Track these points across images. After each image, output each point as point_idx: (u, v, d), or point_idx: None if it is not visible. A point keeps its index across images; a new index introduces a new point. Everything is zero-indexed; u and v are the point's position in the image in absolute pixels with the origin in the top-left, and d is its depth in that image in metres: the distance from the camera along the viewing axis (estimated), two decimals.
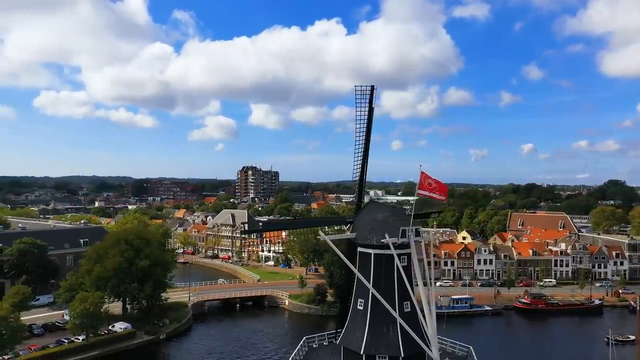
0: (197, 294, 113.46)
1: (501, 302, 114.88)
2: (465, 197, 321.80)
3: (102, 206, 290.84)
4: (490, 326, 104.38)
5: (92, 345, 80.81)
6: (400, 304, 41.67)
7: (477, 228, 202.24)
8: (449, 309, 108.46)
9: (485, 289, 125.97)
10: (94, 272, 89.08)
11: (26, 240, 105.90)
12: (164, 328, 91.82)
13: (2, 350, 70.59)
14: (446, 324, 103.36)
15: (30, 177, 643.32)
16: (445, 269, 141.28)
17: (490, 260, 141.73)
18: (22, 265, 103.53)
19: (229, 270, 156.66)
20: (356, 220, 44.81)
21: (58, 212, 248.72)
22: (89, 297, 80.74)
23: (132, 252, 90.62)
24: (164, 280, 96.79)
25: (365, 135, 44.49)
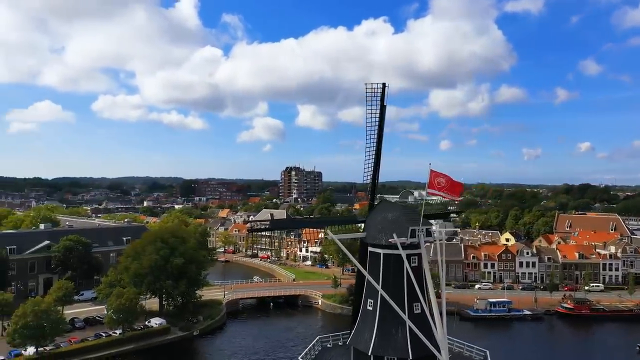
0: (232, 292, 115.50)
1: (542, 307, 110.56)
2: (512, 198, 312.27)
3: (150, 206, 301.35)
4: (529, 331, 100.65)
5: (128, 340, 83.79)
6: (409, 306, 40.90)
7: (522, 230, 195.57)
8: (486, 313, 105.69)
9: (526, 293, 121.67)
10: (131, 269, 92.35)
11: (71, 238, 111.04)
12: (197, 325, 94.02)
13: (44, 341, 74.41)
14: (482, 328, 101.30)
15: (88, 178, 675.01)
16: (485, 271, 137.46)
17: (533, 263, 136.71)
18: (68, 261, 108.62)
19: (267, 269, 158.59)
20: (368, 220, 44.37)
21: (109, 211, 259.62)
22: (125, 293, 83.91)
23: (167, 250, 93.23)
24: (198, 278, 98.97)
25: (377, 134, 43.90)
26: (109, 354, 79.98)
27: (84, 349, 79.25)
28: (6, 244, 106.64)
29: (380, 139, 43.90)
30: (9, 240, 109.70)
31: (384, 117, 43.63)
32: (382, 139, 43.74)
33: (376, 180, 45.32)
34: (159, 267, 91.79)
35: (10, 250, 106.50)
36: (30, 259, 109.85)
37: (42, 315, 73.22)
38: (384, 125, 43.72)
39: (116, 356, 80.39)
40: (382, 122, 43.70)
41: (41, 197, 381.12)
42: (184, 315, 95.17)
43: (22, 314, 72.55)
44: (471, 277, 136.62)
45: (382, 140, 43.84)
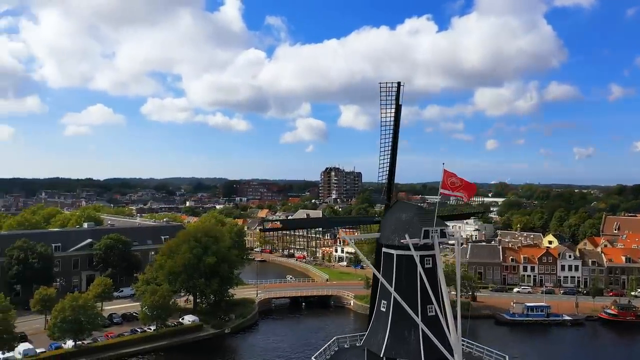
0: (266, 291, 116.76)
1: (584, 312, 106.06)
2: (559, 199, 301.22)
3: (193, 206, 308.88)
4: (569, 337, 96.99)
5: (161, 336, 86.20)
6: (423, 308, 40.23)
7: (567, 232, 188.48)
8: (523, 317, 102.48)
9: (567, 298, 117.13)
10: (166, 267, 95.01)
11: (112, 236, 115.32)
12: (229, 323, 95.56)
13: (81, 335, 77.58)
14: (518, 333, 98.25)
15: (137, 179, 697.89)
16: (525, 274, 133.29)
17: (575, 266, 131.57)
18: (108, 259, 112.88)
19: (302, 269, 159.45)
20: (383, 221, 43.92)
21: (153, 210, 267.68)
22: (159, 290, 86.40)
23: (200, 249, 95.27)
24: (230, 277, 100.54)
25: (393, 134, 43.39)
26: (143, 349, 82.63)
27: (120, 344, 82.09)
28: (52, 242, 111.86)
29: (396, 139, 43.35)
30: (55, 238, 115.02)
31: (399, 117, 43.13)
32: (398, 139, 43.18)
33: (392, 180, 44.74)
34: (192, 266, 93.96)
35: (56, 247, 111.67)
36: (74, 257, 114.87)
37: (80, 311, 76.35)
38: (399, 124, 43.20)
39: (150, 351, 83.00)
40: (397, 122, 43.18)
41: (91, 197, 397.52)
42: (217, 313, 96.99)
43: (61, 309, 75.91)
44: (510, 280, 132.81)
45: (397, 140, 43.29)
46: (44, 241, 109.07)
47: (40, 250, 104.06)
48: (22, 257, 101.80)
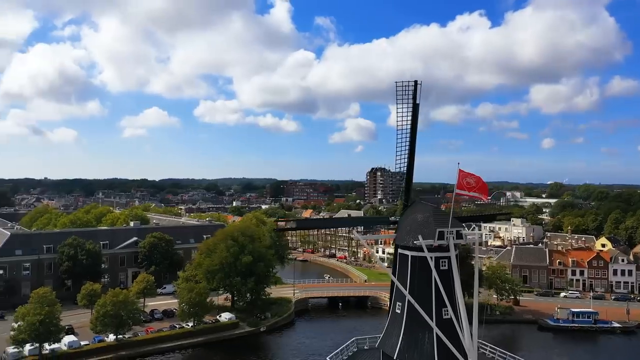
0: (303, 291, 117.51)
1: (636, 320, 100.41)
2: (617, 199, 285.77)
3: (239, 206, 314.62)
4: (617, 346, 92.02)
5: (198, 332, 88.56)
6: (438, 310, 39.35)
7: (623, 235, 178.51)
8: (568, 323, 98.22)
9: (619, 304, 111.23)
10: (204, 265, 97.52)
11: (156, 235, 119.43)
12: (265, 321, 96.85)
13: (122, 329, 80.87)
14: (562, 339, 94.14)
15: (190, 180, 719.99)
16: (573, 278, 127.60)
17: (629, 271, 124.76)
18: (152, 256, 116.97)
19: (342, 269, 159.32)
20: (400, 221, 43.29)
21: (201, 210, 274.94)
22: (195, 288, 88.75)
23: (237, 248, 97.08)
24: (267, 276, 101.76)
25: (410, 133, 42.70)
26: (180, 345, 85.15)
27: (158, 339, 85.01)
28: (100, 240, 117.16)
29: (414, 138, 42.65)
30: (103, 236, 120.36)
31: (417, 116, 42.43)
32: (416, 138, 42.49)
33: (410, 180, 44.04)
34: (229, 264, 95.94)
35: (104, 245, 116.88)
36: (120, 254, 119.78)
37: (120, 306, 79.66)
38: (417, 123, 42.49)
39: (187, 347, 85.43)
40: (415, 121, 42.48)
41: (145, 197, 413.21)
42: (253, 312, 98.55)
43: (103, 304, 79.46)
44: (557, 285, 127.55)
45: (415, 139, 42.60)
46: (93, 239, 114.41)
47: (88, 247, 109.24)
48: (72, 254, 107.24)
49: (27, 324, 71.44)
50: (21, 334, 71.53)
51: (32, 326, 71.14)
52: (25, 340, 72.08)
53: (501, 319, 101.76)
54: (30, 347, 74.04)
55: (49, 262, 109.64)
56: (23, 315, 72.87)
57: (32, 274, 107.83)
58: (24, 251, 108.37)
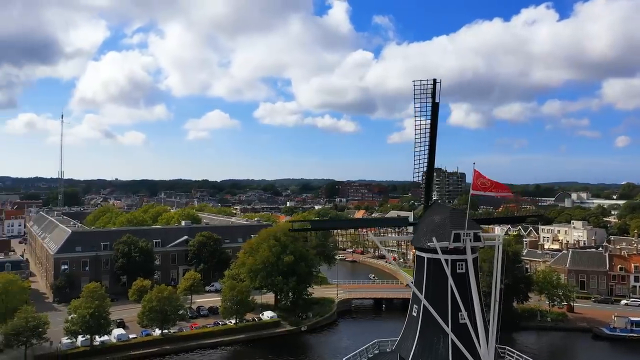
0: (347, 292, 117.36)
1: None
2: None
3: (293, 206, 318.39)
4: None
5: (240, 329, 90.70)
6: (453, 314, 38.20)
7: None
8: (626, 332, 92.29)
9: None
10: (247, 264, 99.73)
11: (205, 234, 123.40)
12: (306, 320, 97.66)
13: (167, 324, 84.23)
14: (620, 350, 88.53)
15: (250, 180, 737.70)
16: (637, 285, 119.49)
17: None
18: (201, 254, 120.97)
19: (390, 270, 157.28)
20: (418, 222, 42.45)
21: (255, 210, 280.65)
22: (237, 286, 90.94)
23: (279, 248, 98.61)
24: (309, 276, 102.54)
25: (430, 133, 41.76)
26: (222, 341, 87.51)
27: (202, 335, 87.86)
28: (153, 238, 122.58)
29: (434, 137, 41.72)
30: (155, 235, 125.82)
31: (436, 115, 41.47)
32: (436, 137, 41.55)
33: (431, 180, 43.08)
34: (271, 264, 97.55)
35: (156, 243, 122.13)
36: (172, 252, 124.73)
37: (165, 302, 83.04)
38: (437, 122, 41.51)
39: (229, 344, 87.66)
40: (434, 120, 41.54)
41: (204, 197, 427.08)
42: (295, 311, 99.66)
43: (149, 299, 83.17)
44: (618, 292, 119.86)
45: (435, 139, 41.67)
46: (146, 237, 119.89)
47: (141, 245, 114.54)
48: (126, 251, 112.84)
49: (79, 317, 76.07)
50: (73, 325, 76.23)
51: (83, 319, 75.71)
52: (77, 332, 76.68)
53: (552, 326, 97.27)
54: (82, 339, 78.65)
55: (106, 258, 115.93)
56: (75, 308, 77.66)
57: (90, 269, 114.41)
58: (83, 248, 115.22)
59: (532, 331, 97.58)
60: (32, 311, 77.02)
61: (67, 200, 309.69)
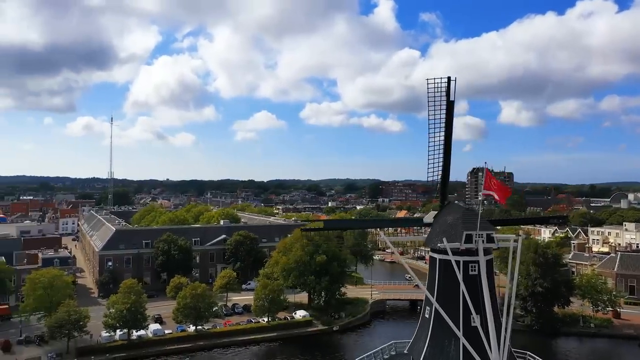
0: (382, 292, 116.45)
1: None
2: None
3: (334, 206, 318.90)
4: None
5: (272, 328, 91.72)
6: (465, 317, 37.23)
7: None
8: None
9: None
10: (280, 263, 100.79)
11: (242, 233, 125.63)
12: (338, 320, 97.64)
13: (200, 320, 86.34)
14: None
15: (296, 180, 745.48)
16: None
17: None
18: (238, 253, 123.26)
19: None
20: (433, 223, 41.66)
21: (297, 210, 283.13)
22: (269, 285, 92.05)
23: (312, 247, 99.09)
24: (341, 275, 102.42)
25: (445, 132, 40.91)
26: (254, 339, 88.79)
27: (234, 332, 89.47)
28: (192, 237, 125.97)
29: (449, 136, 40.84)
30: (195, 234, 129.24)
31: (451, 113, 40.57)
32: (451, 136, 40.66)
33: (446, 180, 42.18)
34: (303, 263, 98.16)
35: (195, 242, 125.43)
36: (210, 250, 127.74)
37: (199, 299, 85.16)
38: (452, 121, 40.61)
39: (261, 341, 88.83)
40: (449, 118, 40.64)
41: (248, 197, 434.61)
42: (328, 311, 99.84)
43: (183, 296, 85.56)
44: None
45: (451, 138, 40.77)
46: (186, 236, 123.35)
47: (180, 243, 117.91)
48: (165, 249, 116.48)
49: (116, 312, 79.18)
50: (111, 320, 79.43)
51: (120, 313, 78.74)
52: (115, 326, 79.84)
53: (596, 332, 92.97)
54: (120, 333, 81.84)
55: (147, 256, 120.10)
56: (113, 303, 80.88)
57: (132, 266, 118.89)
58: (126, 246, 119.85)
59: (573, 337, 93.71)
60: (74, 305, 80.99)
61: (117, 199, 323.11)
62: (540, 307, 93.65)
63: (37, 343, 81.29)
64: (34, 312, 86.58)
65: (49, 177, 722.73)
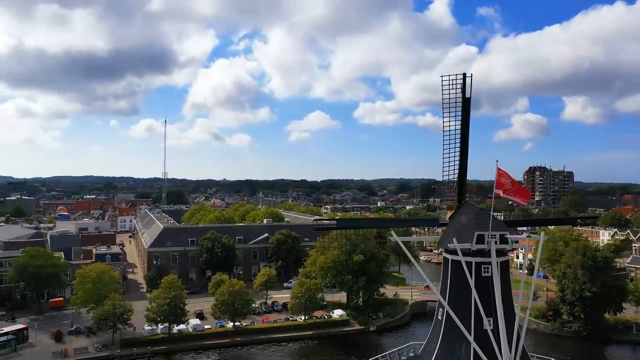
0: (424, 293, 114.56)
1: None
2: None
3: (383, 206, 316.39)
4: None
5: (309, 326, 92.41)
6: (477, 320, 36.02)
7: None
8: None
9: None
10: (318, 262, 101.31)
11: (283, 232, 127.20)
12: (375, 321, 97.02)
13: (237, 317, 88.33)
14: None
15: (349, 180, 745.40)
16: None
17: None
18: (279, 252, 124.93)
19: None
20: (449, 223, 40.62)
21: (345, 210, 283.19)
22: (305, 283, 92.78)
23: (349, 247, 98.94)
24: (379, 275, 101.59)
25: (462, 130, 39.80)
26: (290, 337, 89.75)
27: (271, 329, 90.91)
28: (236, 235, 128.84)
29: (466, 134, 39.72)
30: (238, 232, 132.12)
31: (467, 110, 39.35)
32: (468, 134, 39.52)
33: (464, 179, 41.02)
34: (340, 262, 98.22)
35: (239, 240, 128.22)
36: (253, 249, 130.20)
37: (236, 296, 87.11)
38: (469, 119, 39.44)
39: (297, 339, 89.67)
40: (465, 116, 39.50)
41: (299, 197, 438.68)
42: (366, 310, 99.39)
43: (221, 293, 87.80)
44: None
45: (468, 136, 39.63)
46: (230, 234, 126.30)
47: (224, 241, 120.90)
48: (209, 247, 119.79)
49: (157, 306, 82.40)
50: (153, 314, 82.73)
51: (160, 308, 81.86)
52: (156, 319, 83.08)
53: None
54: (162, 327, 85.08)
55: (193, 253, 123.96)
56: (155, 298, 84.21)
57: (179, 263, 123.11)
58: (173, 243, 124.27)
59: (626, 345, 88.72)
60: (119, 299, 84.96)
61: (173, 198, 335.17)
62: (589, 312, 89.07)
63: (86, 334, 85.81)
64: (83, 305, 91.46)
65: (114, 177, 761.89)
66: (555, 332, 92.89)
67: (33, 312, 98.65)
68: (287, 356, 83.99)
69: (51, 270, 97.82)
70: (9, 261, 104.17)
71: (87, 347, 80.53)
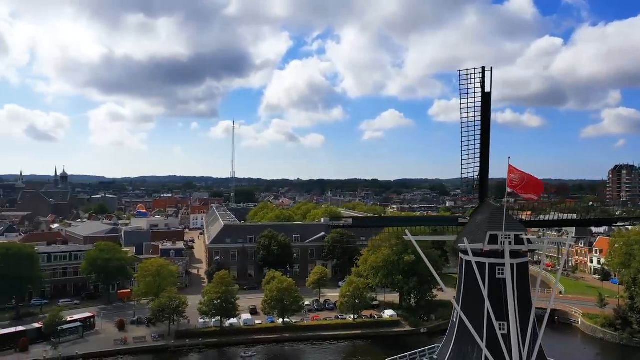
0: None
1: None
2: None
3: (451, 206, 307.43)
4: None
5: (358, 325, 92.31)
6: (490, 324, 34.37)
7: None
8: None
9: None
10: (369, 261, 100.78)
11: (339, 231, 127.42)
12: (427, 322, 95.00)
13: (286, 313, 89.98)
14: None
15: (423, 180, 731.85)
16: None
17: None
18: (334, 250, 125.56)
19: (544, 278, 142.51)
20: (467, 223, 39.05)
21: (412, 210, 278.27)
22: (354, 282, 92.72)
23: (400, 247, 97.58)
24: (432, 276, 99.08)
25: (482, 126, 38.14)
26: (339, 335, 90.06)
27: (319, 326, 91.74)
28: (293, 233, 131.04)
29: (486, 130, 38.05)
30: (296, 231, 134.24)
31: (488, 105, 37.65)
32: (490, 130, 37.85)
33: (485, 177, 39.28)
34: (391, 262, 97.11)
35: (295, 238, 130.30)
36: (310, 247, 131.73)
37: (284, 293, 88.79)
38: (489, 114, 37.75)
39: (345, 338, 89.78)
40: (486, 111, 37.82)
41: (368, 196, 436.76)
42: (417, 312, 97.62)
43: (271, 289, 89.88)
44: None
45: (489, 132, 37.94)
46: (287, 232, 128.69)
47: (280, 239, 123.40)
48: (266, 244, 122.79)
49: (208, 300, 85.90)
50: (204, 307, 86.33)
51: (211, 302, 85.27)
52: (208, 313, 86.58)
53: None
54: (214, 320, 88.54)
55: (251, 250, 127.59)
56: (207, 292, 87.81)
57: (237, 259, 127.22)
58: (232, 240, 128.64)
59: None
60: (175, 292, 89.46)
61: (242, 197, 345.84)
62: None
63: (147, 324, 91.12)
64: (144, 297, 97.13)
65: (194, 177, 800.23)
66: (624, 342, 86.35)
67: (103, 302, 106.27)
68: (334, 354, 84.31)
69: (118, 264, 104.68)
70: (84, 255, 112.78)
71: (145, 337, 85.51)
